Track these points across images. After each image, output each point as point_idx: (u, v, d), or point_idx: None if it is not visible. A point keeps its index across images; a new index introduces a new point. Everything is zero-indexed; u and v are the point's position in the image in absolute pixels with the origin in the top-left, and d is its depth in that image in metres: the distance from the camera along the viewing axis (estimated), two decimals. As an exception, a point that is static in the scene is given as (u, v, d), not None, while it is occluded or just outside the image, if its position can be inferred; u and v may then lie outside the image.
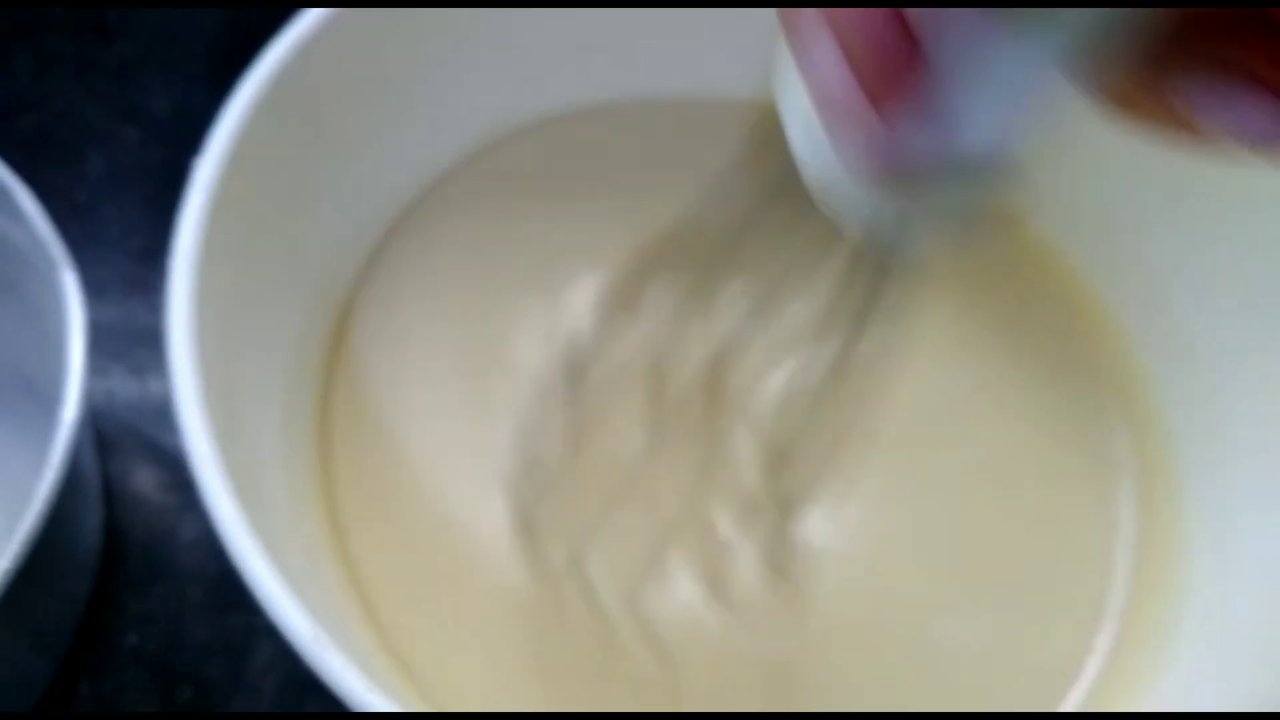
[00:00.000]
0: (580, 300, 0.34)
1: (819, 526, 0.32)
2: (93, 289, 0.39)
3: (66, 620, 0.35)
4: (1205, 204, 0.33)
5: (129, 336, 0.41)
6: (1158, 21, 0.16)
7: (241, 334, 0.27)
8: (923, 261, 0.22)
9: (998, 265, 0.37)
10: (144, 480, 0.38)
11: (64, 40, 0.48)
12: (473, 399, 0.34)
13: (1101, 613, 0.33)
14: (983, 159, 0.18)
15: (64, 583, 0.34)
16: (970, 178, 0.18)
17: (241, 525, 0.22)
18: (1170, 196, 0.34)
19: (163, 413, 0.39)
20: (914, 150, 0.18)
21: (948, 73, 0.17)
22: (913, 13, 0.16)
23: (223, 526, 0.22)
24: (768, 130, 0.21)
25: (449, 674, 0.30)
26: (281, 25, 0.48)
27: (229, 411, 0.24)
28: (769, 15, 0.34)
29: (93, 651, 0.35)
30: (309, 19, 0.30)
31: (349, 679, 0.21)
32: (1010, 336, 0.36)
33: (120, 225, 0.43)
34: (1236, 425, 0.33)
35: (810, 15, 0.17)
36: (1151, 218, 0.34)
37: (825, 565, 0.32)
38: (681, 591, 0.30)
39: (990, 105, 0.17)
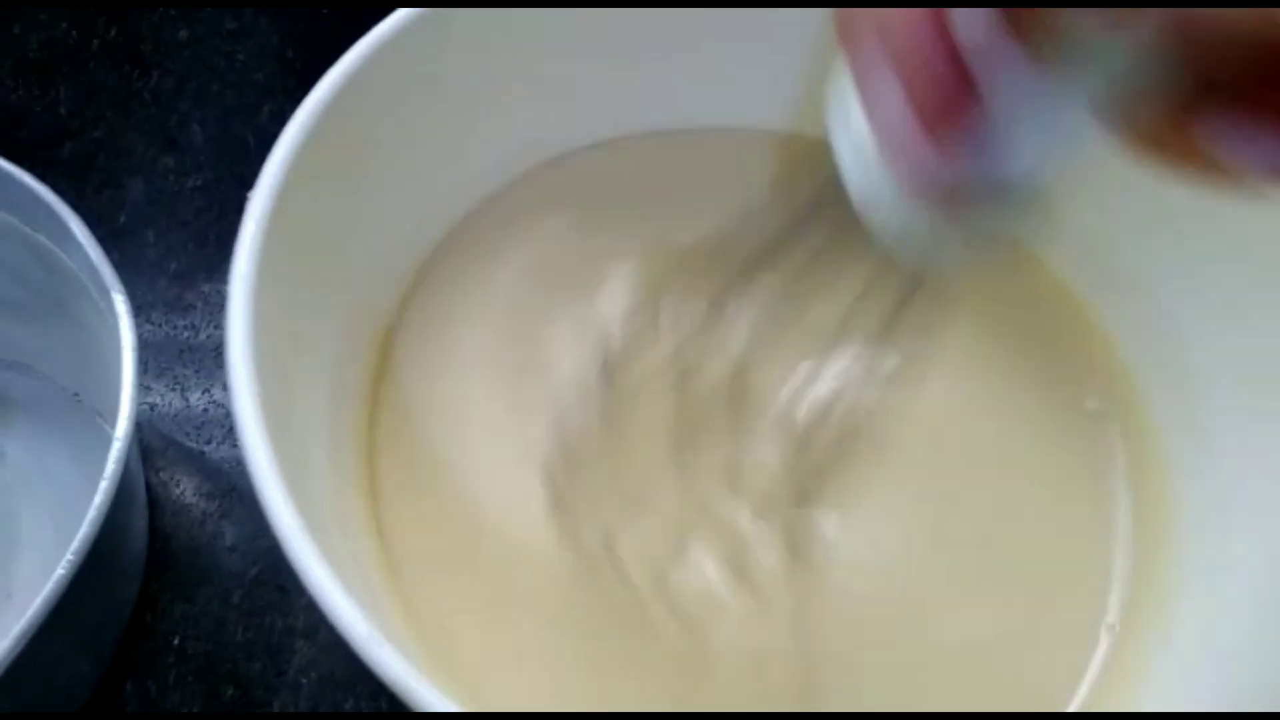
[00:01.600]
0: (613, 304, 0.36)
1: (835, 527, 0.33)
2: (135, 309, 0.41)
3: (114, 622, 0.36)
4: (1196, 223, 0.34)
5: (170, 353, 0.43)
6: (1186, 66, 0.17)
7: (293, 346, 0.28)
8: (954, 275, 0.24)
9: (1004, 287, 0.38)
10: (186, 489, 0.39)
11: (103, 71, 0.50)
12: (511, 404, 0.35)
13: (1100, 610, 0.34)
14: (1021, 185, 0.20)
15: (112, 587, 0.36)
16: (1008, 202, 0.20)
17: (301, 533, 0.23)
18: (1162, 216, 0.35)
19: (202, 425, 0.41)
20: (961, 175, 0.20)
21: (998, 109, 0.19)
22: (970, 53, 0.18)
23: (284, 534, 0.23)
24: (805, 158, 0.23)
25: (488, 670, 0.31)
26: (312, 57, 0.50)
27: (282, 423, 0.25)
28: (796, 52, 0.37)
29: (139, 652, 0.36)
30: (354, 55, 0.31)
31: (406, 677, 0.22)
32: (1011, 351, 0.37)
33: (159, 249, 0.45)
34: (1224, 431, 0.34)
35: (875, 51, 0.19)
36: (1143, 236, 0.36)
37: (833, 567, 0.33)
38: (706, 573, 0.32)
39: (1032, 138, 0.19)
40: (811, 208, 0.26)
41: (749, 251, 0.29)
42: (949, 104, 0.19)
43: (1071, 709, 0.32)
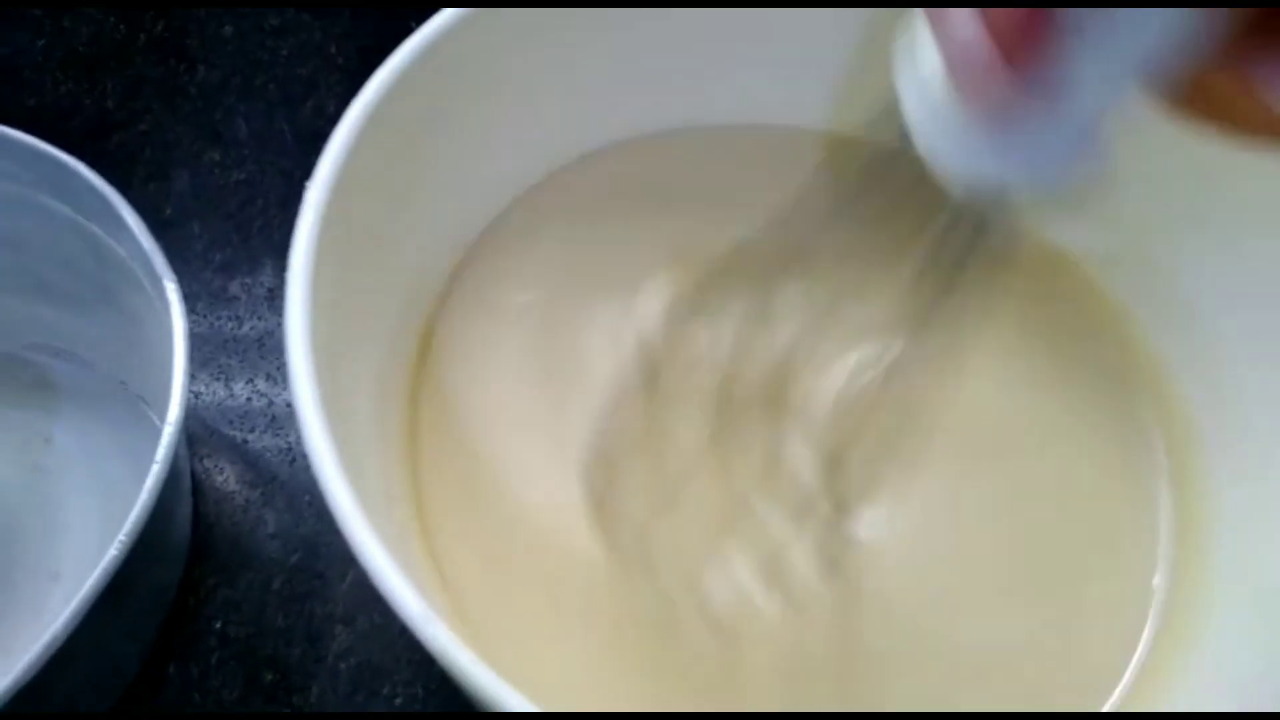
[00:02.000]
0: (651, 306, 0.37)
1: (871, 530, 0.34)
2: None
3: (159, 606, 0.37)
4: (1234, 227, 0.34)
5: (214, 344, 0.43)
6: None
7: (344, 335, 0.29)
8: (1015, 227, 0.25)
9: (1046, 294, 0.38)
10: (229, 476, 0.40)
11: (150, 65, 0.51)
12: (546, 398, 0.36)
13: (1140, 614, 0.34)
14: (1084, 125, 0.21)
15: (158, 571, 0.36)
16: (1070, 144, 0.21)
17: (359, 515, 0.24)
18: (1203, 225, 0.35)
19: (245, 414, 0.42)
20: (1030, 108, 0.21)
21: (1071, 42, 0.19)
22: None
23: (342, 515, 0.24)
24: (842, 149, 0.23)
25: (522, 661, 0.32)
26: (354, 54, 0.51)
27: (334, 410, 0.25)
28: (825, 51, 0.37)
29: (182, 635, 0.37)
30: (403, 54, 0.32)
31: (459, 654, 0.23)
32: (1053, 359, 0.38)
33: (204, 241, 0.46)
34: (1264, 437, 0.34)
35: None
36: (1187, 246, 0.36)
37: (874, 567, 0.33)
38: (740, 577, 0.32)
39: (1097, 79, 0.20)
40: (863, 175, 0.26)
41: (788, 244, 0.29)
42: (1026, 31, 0.19)
43: (1105, 709, 0.32)
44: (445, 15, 0.33)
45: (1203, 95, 0.20)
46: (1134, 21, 0.19)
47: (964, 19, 0.20)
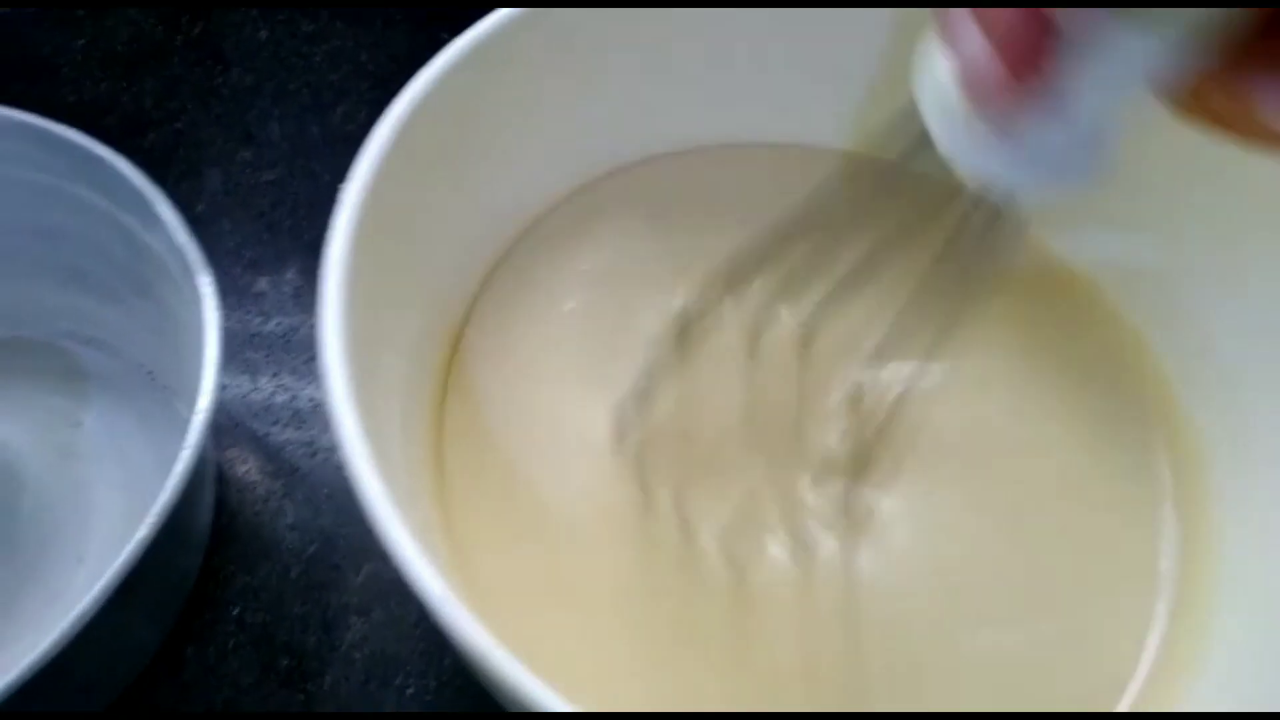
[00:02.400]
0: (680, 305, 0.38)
1: (878, 533, 0.35)
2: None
3: (179, 591, 0.38)
4: (1254, 255, 0.35)
5: (241, 339, 0.44)
6: (1245, 20, 0.19)
7: (375, 332, 0.29)
8: (1021, 228, 0.26)
9: (1056, 312, 0.39)
10: (251, 468, 0.41)
11: (186, 66, 0.52)
12: (575, 395, 0.37)
13: (1144, 624, 0.34)
14: (1088, 132, 0.22)
15: (180, 556, 0.37)
16: (1075, 150, 0.23)
17: (387, 503, 0.24)
18: (1219, 245, 0.36)
19: (269, 407, 0.43)
20: (1038, 113, 0.22)
21: (1072, 57, 0.21)
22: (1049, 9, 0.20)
23: (369, 502, 0.25)
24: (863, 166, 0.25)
25: (541, 651, 0.32)
26: (386, 61, 0.52)
27: (365, 404, 0.26)
28: (852, 75, 0.39)
29: (200, 621, 0.38)
30: (447, 57, 0.32)
31: (479, 637, 0.23)
32: (1066, 376, 0.38)
33: (235, 238, 0.47)
34: (1267, 448, 0.34)
35: (962, 12, 0.21)
36: (1198, 266, 0.36)
37: (881, 569, 0.34)
38: (766, 539, 0.34)
39: (1099, 87, 0.21)
40: (888, 173, 0.27)
41: (820, 226, 0.31)
42: (1029, 47, 0.20)
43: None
44: (488, 21, 0.33)
45: (1203, 105, 0.21)
46: (1129, 41, 0.20)
47: (972, 34, 0.21)
